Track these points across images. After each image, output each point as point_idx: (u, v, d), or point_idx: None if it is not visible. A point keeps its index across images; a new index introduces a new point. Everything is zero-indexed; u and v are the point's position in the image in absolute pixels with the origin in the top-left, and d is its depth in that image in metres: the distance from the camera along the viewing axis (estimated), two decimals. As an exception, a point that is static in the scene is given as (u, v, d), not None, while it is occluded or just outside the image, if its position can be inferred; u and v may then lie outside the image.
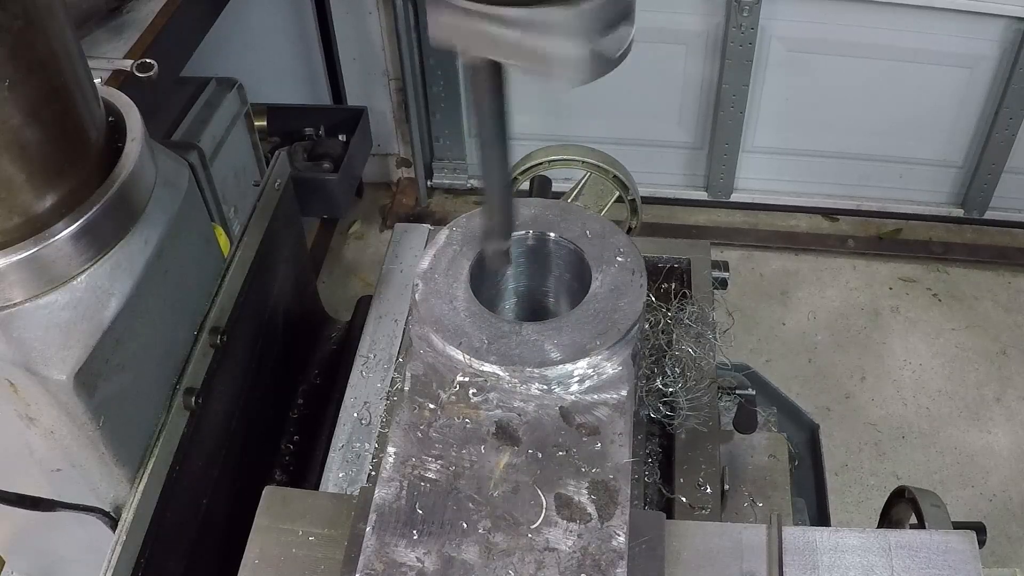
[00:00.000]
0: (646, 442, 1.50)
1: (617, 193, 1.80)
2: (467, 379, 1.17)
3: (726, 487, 1.45)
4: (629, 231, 1.84)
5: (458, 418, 1.14)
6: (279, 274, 1.74)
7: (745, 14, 3.26)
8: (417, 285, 1.24)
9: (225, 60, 3.18)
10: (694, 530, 1.17)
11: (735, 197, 3.87)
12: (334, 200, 3.42)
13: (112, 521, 1.33)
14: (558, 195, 1.74)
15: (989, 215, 3.75)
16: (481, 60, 0.96)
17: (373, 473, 1.49)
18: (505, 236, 1.19)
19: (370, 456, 1.53)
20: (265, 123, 3.28)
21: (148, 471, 1.32)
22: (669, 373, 1.48)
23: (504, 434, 1.13)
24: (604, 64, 0.92)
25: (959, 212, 3.78)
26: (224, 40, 3.02)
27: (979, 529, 1.17)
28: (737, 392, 1.63)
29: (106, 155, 1.23)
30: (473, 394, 1.16)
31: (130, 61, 2.01)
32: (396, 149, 4.05)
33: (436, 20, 0.93)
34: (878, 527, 1.53)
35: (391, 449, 1.12)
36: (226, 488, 1.56)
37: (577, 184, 1.82)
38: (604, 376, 1.17)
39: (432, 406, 1.15)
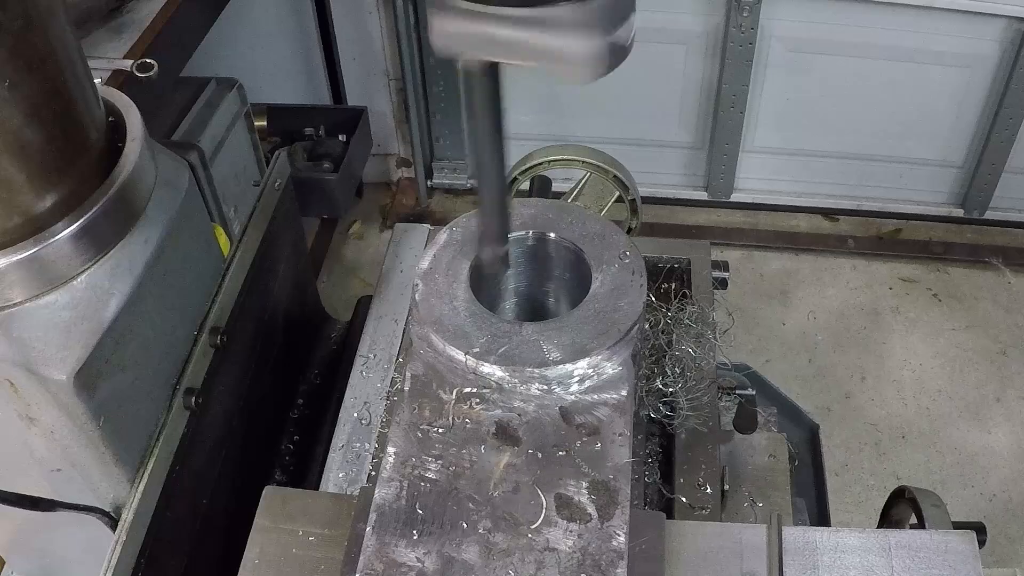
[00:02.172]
0: (646, 442, 1.50)
1: (617, 193, 1.80)
2: (468, 381, 1.17)
3: (726, 487, 1.45)
4: (629, 231, 1.84)
5: (458, 418, 1.14)
6: (279, 274, 1.74)
7: (745, 14, 3.26)
8: (417, 285, 1.24)
9: (225, 60, 3.18)
10: (694, 530, 1.17)
11: (735, 197, 3.86)
12: (334, 200, 3.41)
13: (112, 521, 1.33)
14: (558, 195, 1.74)
15: (989, 215, 3.74)
16: (479, 64, 0.95)
17: (373, 473, 1.49)
18: (501, 241, 1.18)
19: (370, 456, 1.53)
20: (265, 123, 3.28)
21: (148, 471, 1.32)
22: (669, 373, 1.47)
23: (504, 434, 1.13)
24: (620, 54, 0.92)
25: (959, 212, 3.78)
26: (224, 40, 3.02)
27: (979, 529, 1.17)
28: (737, 392, 1.63)
29: (106, 155, 1.23)
30: (473, 395, 1.16)
31: (130, 61, 2.01)
32: (396, 149, 4.05)
33: (439, 26, 0.92)
34: (878, 527, 1.53)
35: (391, 449, 1.12)
36: (226, 488, 1.56)
37: (577, 184, 1.82)
38: (604, 376, 1.17)
39: (432, 406, 1.15)
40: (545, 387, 1.16)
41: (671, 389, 1.46)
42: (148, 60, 2.00)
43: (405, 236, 1.85)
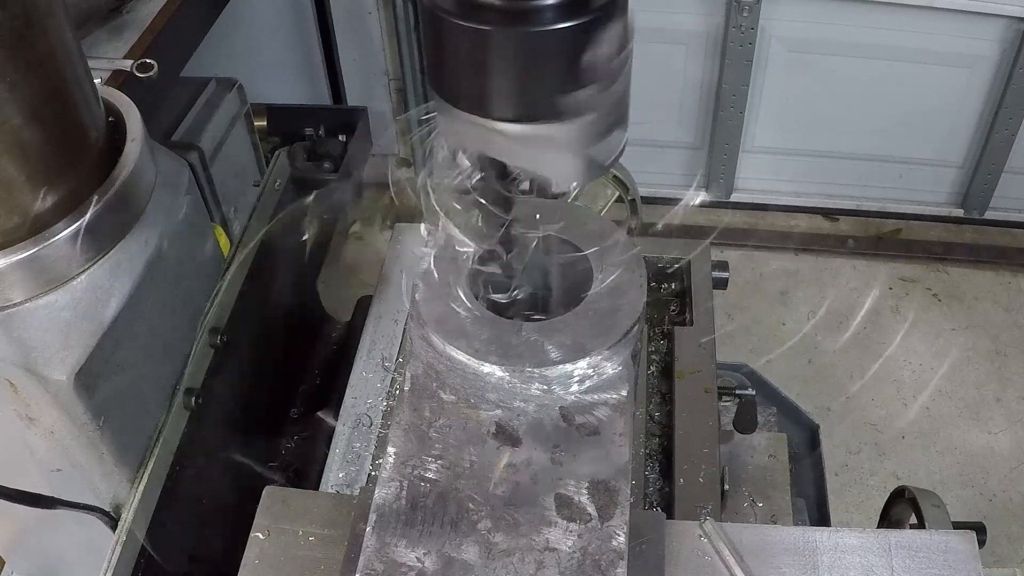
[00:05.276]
0: (646, 442, 1.50)
1: (617, 193, 1.80)
2: (467, 381, 1.17)
3: (726, 487, 1.45)
4: (629, 231, 1.83)
5: (458, 418, 1.14)
6: (279, 274, 1.74)
7: (745, 14, 3.26)
8: (417, 285, 1.24)
9: (225, 60, 3.18)
10: (694, 530, 1.17)
11: (735, 197, 3.86)
12: (334, 200, 3.41)
13: (112, 521, 1.33)
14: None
15: (989, 215, 3.74)
16: None
17: (373, 473, 1.49)
18: None
19: (370, 456, 1.53)
20: (265, 123, 3.28)
21: (148, 471, 1.33)
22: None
23: (504, 434, 1.13)
24: (596, 169, 1.02)
25: (959, 212, 3.78)
26: (224, 40, 3.01)
27: (979, 529, 1.17)
28: (737, 392, 1.63)
29: (106, 155, 1.23)
30: (473, 394, 1.16)
31: (130, 61, 2.01)
32: (396, 149, 4.05)
33: (450, 127, 1.01)
34: (878, 527, 1.53)
35: (391, 449, 1.12)
36: (226, 488, 1.56)
37: (577, 184, 1.81)
38: (604, 376, 1.17)
39: (432, 406, 1.15)
40: (545, 387, 1.15)
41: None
42: (148, 60, 2.00)
43: (405, 236, 1.85)
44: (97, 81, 1.23)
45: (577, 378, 1.16)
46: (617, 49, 0.94)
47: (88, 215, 1.16)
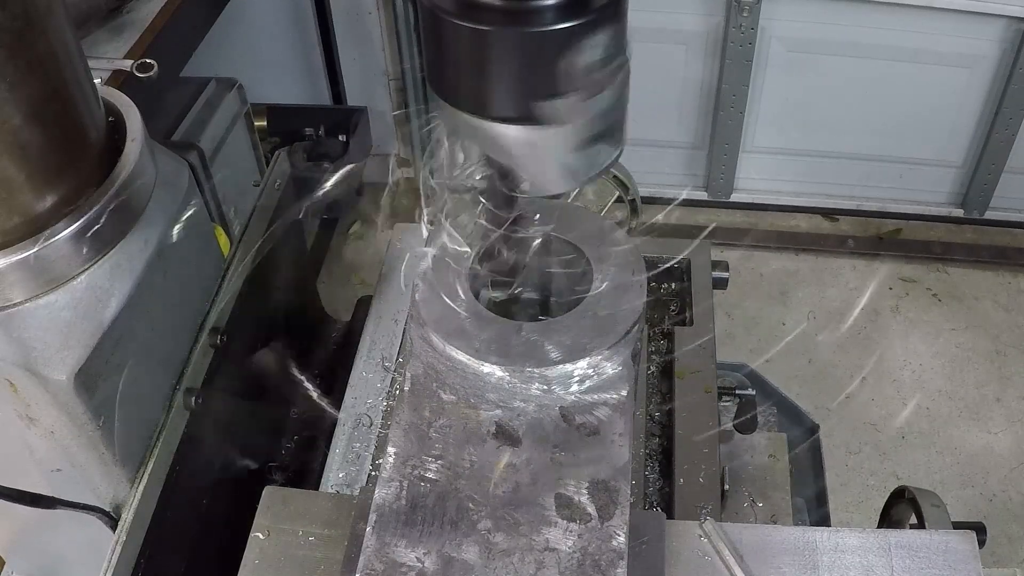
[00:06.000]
0: (646, 442, 1.50)
1: (617, 193, 1.80)
2: (467, 381, 1.17)
3: (726, 487, 1.45)
4: (629, 231, 1.83)
5: (458, 418, 1.14)
6: (279, 274, 1.74)
7: (745, 14, 3.26)
8: (417, 285, 1.24)
9: (225, 60, 3.18)
10: (694, 530, 1.17)
11: (735, 197, 3.87)
12: (334, 200, 3.41)
13: (112, 521, 1.33)
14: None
15: (989, 215, 3.74)
16: None
17: (373, 473, 1.49)
18: None
19: (370, 456, 1.53)
20: (265, 123, 3.28)
21: (148, 471, 1.33)
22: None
23: (504, 434, 1.13)
24: (571, 179, 1.04)
25: (959, 212, 3.78)
26: (224, 40, 3.02)
27: (979, 529, 1.17)
28: (737, 392, 1.64)
29: (106, 155, 1.23)
30: (473, 394, 1.16)
31: (130, 61, 2.01)
32: (396, 149, 4.05)
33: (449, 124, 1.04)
34: (878, 527, 1.53)
35: (391, 449, 1.12)
36: (226, 488, 1.56)
37: (577, 184, 1.81)
38: (604, 376, 1.17)
39: (432, 406, 1.15)
40: (545, 387, 1.15)
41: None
42: (148, 60, 2.00)
43: (405, 236, 1.85)
44: (97, 81, 1.23)
45: (577, 378, 1.16)
46: (599, 62, 0.94)
47: (88, 215, 1.16)
